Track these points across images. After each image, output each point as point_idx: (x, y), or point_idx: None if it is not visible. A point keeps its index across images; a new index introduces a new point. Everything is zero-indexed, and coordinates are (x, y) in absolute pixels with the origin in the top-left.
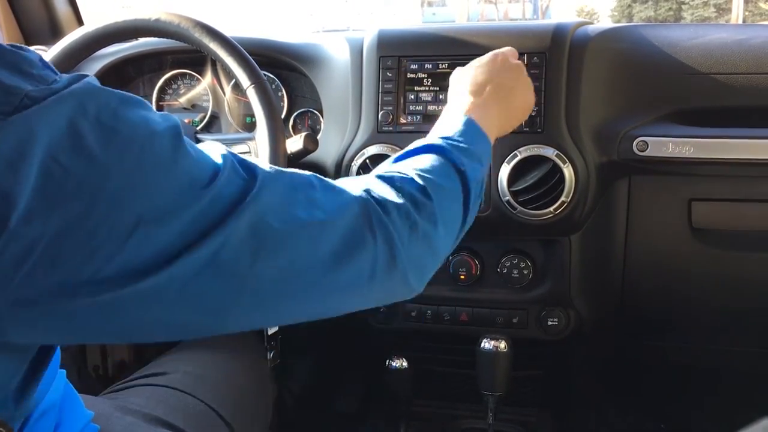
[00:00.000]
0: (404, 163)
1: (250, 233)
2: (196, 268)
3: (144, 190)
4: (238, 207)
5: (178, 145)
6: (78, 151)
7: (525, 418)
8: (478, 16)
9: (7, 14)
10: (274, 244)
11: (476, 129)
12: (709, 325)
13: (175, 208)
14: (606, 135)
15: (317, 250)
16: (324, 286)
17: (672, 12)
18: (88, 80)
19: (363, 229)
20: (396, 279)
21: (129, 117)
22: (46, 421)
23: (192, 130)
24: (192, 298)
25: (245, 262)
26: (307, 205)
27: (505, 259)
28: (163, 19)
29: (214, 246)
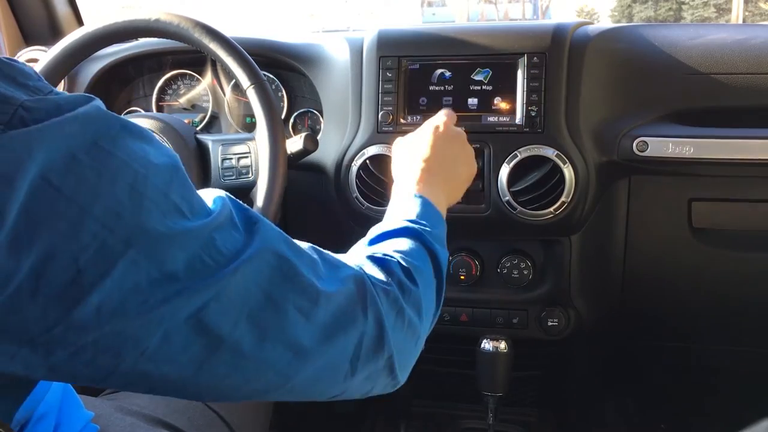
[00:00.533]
0: (385, 245)
1: (241, 295)
2: (181, 320)
3: (133, 216)
4: (233, 262)
5: (173, 179)
6: (70, 172)
7: (525, 419)
8: (478, 16)
9: (6, 14)
10: (266, 309)
11: (434, 210)
12: (709, 325)
13: (164, 240)
14: (606, 135)
15: (309, 322)
16: (310, 363)
17: (672, 12)
18: (94, 103)
19: (356, 307)
20: (381, 363)
21: (128, 145)
22: (45, 422)
23: (192, 130)
24: (170, 351)
25: (230, 323)
26: (309, 270)
27: (505, 259)
28: (163, 19)
29: (203, 299)
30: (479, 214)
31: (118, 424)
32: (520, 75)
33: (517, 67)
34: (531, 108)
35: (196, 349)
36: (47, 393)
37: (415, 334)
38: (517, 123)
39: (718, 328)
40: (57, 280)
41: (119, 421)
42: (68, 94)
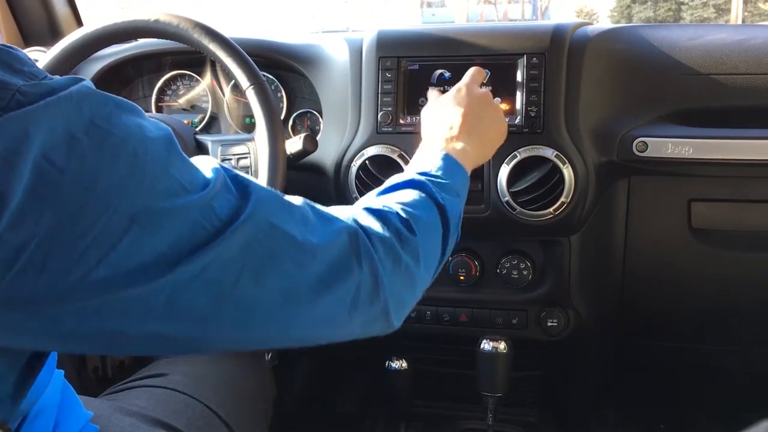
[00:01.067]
0: (387, 197)
1: (241, 252)
2: (184, 281)
3: (136, 192)
4: (230, 225)
5: (170, 152)
6: (71, 152)
7: (525, 419)
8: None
9: (6, 15)
10: (264, 264)
11: (453, 163)
12: (709, 326)
13: (167, 215)
14: (605, 135)
15: (305, 273)
16: (307, 311)
17: (671, 12)
18: (84, 83)
19: (350, 258)
20: (377, 311)
21: (123, 121)
22: (43, 421)
23: (191, 131)
24: (176, 311)
25: (232, 279)
26: (301, 227)
27: (504, 259)
28: (163, 20)
29: (204, 261)
30: (479, 214)
31: (118, 424)
32: (519, 75)
33: (517, 67)
34: (530, 108)
35: (201, 306)
36: (45, 390)
37: (412, 281)
38: (517, 123)
39: (717, 328)
40: (64, 257)
41: (118, 421)
42: (61, 77)
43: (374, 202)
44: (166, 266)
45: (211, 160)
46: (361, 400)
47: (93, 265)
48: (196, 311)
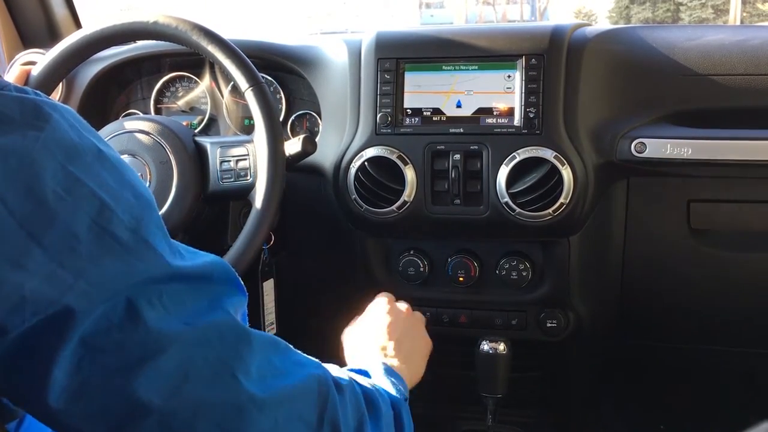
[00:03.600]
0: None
1: (184, 361)
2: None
3: (88, 254)
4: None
5: (147, 218)
6: (30, 194)
7: (524, 420)
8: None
9: (4, 17)
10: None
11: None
12: (709, 326)
13: (117, 283)
14: (604, 136)
15: (257, 421)
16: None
17: (670, 13)
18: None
19: (313, 408)
20: None
21: (102, 174)
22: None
23: (190, 132)
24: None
25: (164, 391)
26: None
27: (504, 260)
28: (161, 21)
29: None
30: (478, 215)
31: None
32: (518, 77)
33: (516, 68)
34: (529, 109)
35: (119, 412)
36: None
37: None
38: (516, 125)
39: (717, 328)
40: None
41: None
42: (29, 96)
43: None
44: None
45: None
46: None
47: (28, 318)
48: (110, 414)
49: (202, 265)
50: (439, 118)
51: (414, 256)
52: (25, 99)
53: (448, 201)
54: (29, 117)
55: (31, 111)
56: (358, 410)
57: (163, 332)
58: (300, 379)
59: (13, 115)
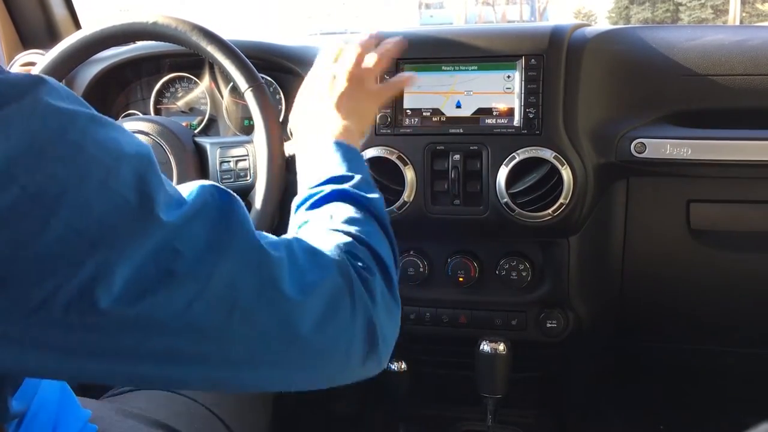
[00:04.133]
0: (330, 213)
1: (223, 291)
2: (159, 317)
3: (102, 215)
4: (210, 256)
5: (147, 171)
6: (37, 167)
7: (524, 420)
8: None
9: (4, 18)
10: (253, 306)
11: (348, 149)
12: (708, 327)
13: (134, 239)
14: (604, 137)
15: (297, 318)
16: (301, 353)
17: (669, 13)
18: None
19: (344, 298)
20: (373, 348)
21: (98, 136)
22: (42, 420)
23: (190, 133)
24: (150, 350)
25: (218, 318)
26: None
27: (503, 261)
28: (161, 22)
29: (181, 295)
30: (478, 216)
31: (119, 426)
32: (517, 77)
33: (515, 69)
34: (529, 110)
35: (181, 343)
36: (38, 391)
37: (394, 314)
38: (515, 125)
39: (716, 328)
40: (22, 279)
41: (120, 423)
42: (21, 74)
43: (324, 219)
44: (135, 297)
45: (197, 182)
46: (360, 402)
47: (52, 291)
48: (174, 352)
49: (195, 201)
50: (439, 119)
51: (414, 256)
52: (14, 76)
53: (447, 201)
54: (20, 91)
55: (22, 85)
56: (379, 286)
57: (195, 271)
58: (324, 273)
59: (6, 93)
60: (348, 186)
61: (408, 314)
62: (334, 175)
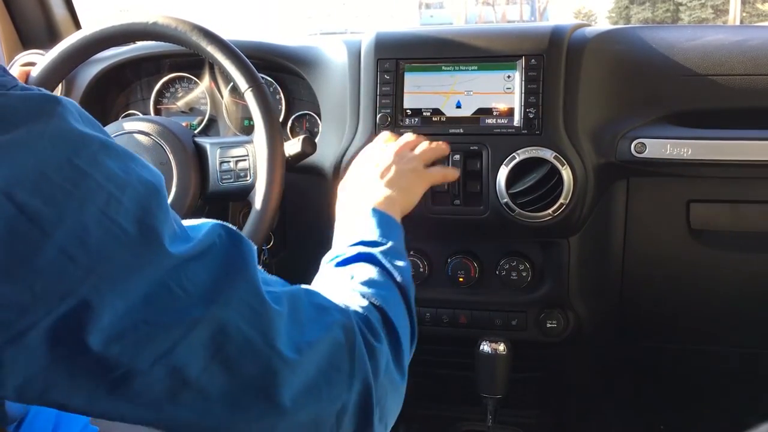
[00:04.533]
0: (353, 273)
1: (213, 338)
2: (144, 357)
3: (99, 246)
4: (205, 302)
5: (150, 204)
6: (38, 190)
7: (524, 420)
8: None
9: (4, 18)
10: (237, 356)
11: (386, 217)
12: (708, 326)
13: (130, 271)
14: (604, 137)
15: (284, 382)
16: (288, 417)
17: (669, 13)
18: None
19: (344, 358)
20: (368, 420)
21: (106, 164)
22: (43, 422)
23: (190, 133)
24: (129, 389)
25: (199, 365)
26: (289, 331)
27: (503, 261)
28: (161, 22)
29: (170, 336)
30: (478, 216)
31: (119, 426)
32: (518, 77)
33: (515, 69)
34: (529, 110)
35: (159, 391)
36: None
37: (399, 393)
38: (515, 125)
39: (716, 328)
40: (10, 304)
41: (121, 424)
42: (33, 92)
43: (346, 280)
44: (120, 334)
45: (209, 222)
46: None
47: (41, 317)
48: (152, 393)
49: (203, 240)
50: (439, 119)
51: (414, 256)
52: (29, 95)
53: (448, 201)
54: (33, 112)
55: (36, 106)
56: (384, 356)
57: (187, 314)
58: (326, 331)
59: (18, 113)
60: (377, 251)
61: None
62: (366, 240)
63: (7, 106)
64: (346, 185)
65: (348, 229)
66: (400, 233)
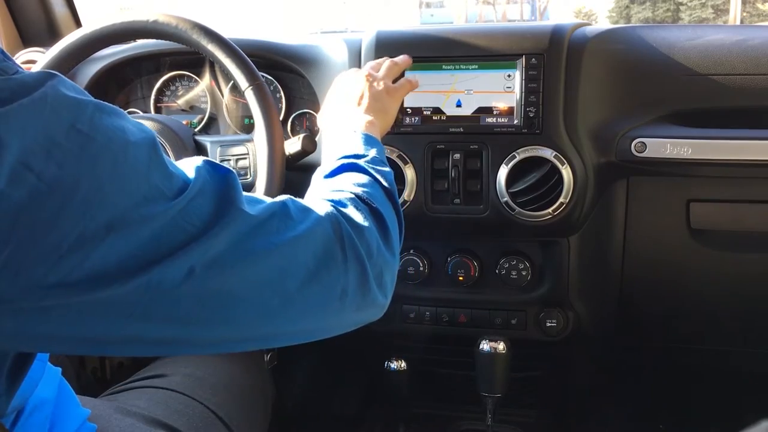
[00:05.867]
0: (339, 181)
1: (224, 252)
2: (164, 282)
3: (114, 200)
4: (208, 231)
5: (151, 157)
6: (51, 157)
7: (524, 420)
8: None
9: (4, 16)
10: (249, 262)
11: (369, 137)
12: (708, 326)
13: (144, 222)
14: (604, 136)
15: (291, 267)
16: (297, 304)
17: (670, 13)
18: (58, 86)
19: (335, 246)
20: (367, 296)
21: (105, 125)
22: (40, 418)
23: (190, 131)
24: (157, 312)
25: (218, 279)
26: (282, 228)
27: (503, 260)
28: (161, 20)
29: (184, 263)
30: (478, 215)
31: (117, 424)
32: (518, 76)
33: (515, 68)
34: (529, 109)
35: (184, 307)
36: (38, 384)
37: (390, 263)
38: (516, 124)
39: (716, 328)
40: (39, 262)
41: (118, 421)
42: (32, 72)
43: (333, 185)
44: (142, 267)
45: (195, 160)
46: (360, 401)
47: (68, 272)
48: (178, 312)
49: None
50: (439, 118)
51: (414, 255)
52: (28, 73)
53: (448, 200)
54: (32, 85)
55: (33, 81)
56: (373, 237)
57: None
58: (314, 224)
59: (19, 90)
60: (361, 161)
61: (408, 313)
62: (350, 153)
63: (10, 89)
64: (325, 115)
65: (333, 150)
66: (381, 149)
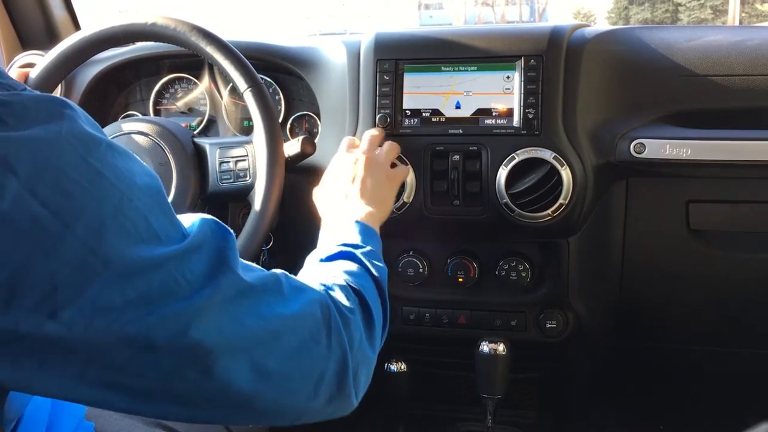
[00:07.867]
0: (332, 268)
1: (211, 311)
2: (151, 336)
3: (114, 237)
4: (203, 288)
5: (156, 201)
6: (58, 186)
7: (524, 421)
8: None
9: (3, 19)
10: (235, 326)
11: (367, 228)
12: (708, 327)
13: (141, 264)
14: (603, 137)
15: (273, 343)
16: (273, 380)
17: (669, 14)
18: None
19: (321, 330)
20: (343, 389)
21: (116, 164)
22: (37, 418)
23: (189, 134)
24: (138, 367)
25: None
26: (272, 302)
27: (503, 261)
28: (160, 23)
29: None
30: (477, 216)
31: (116, 424)
32: (517, 77)
33: (515, 69)
34: (528, 110)
35: (166, 366)
36: None
37: (368, 361)
38: (515, 125)
39: (716, 329)
40: (32, 294)
41: (117, 421)
42: (44, 95)
43: (328, 270)
44: (136, 317)
45: (199, 215)
46: (359, 402)
47: (60, 306)
48: (158, 370)
49: (197, 234)
50: (439, 119)
51: (413, 257)
52: (41, 96)
53: (447, 202)
54: (47, 113)
55: (49, 107)
56: (358, 330)
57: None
58: (304, 306)
59: (32, 112)
60: (358, 251)
61: (408, 315)
62: (348, 242)
63: (22, 105)
64: (323, 196)
65: (331, 236)
66: (379, 243)
